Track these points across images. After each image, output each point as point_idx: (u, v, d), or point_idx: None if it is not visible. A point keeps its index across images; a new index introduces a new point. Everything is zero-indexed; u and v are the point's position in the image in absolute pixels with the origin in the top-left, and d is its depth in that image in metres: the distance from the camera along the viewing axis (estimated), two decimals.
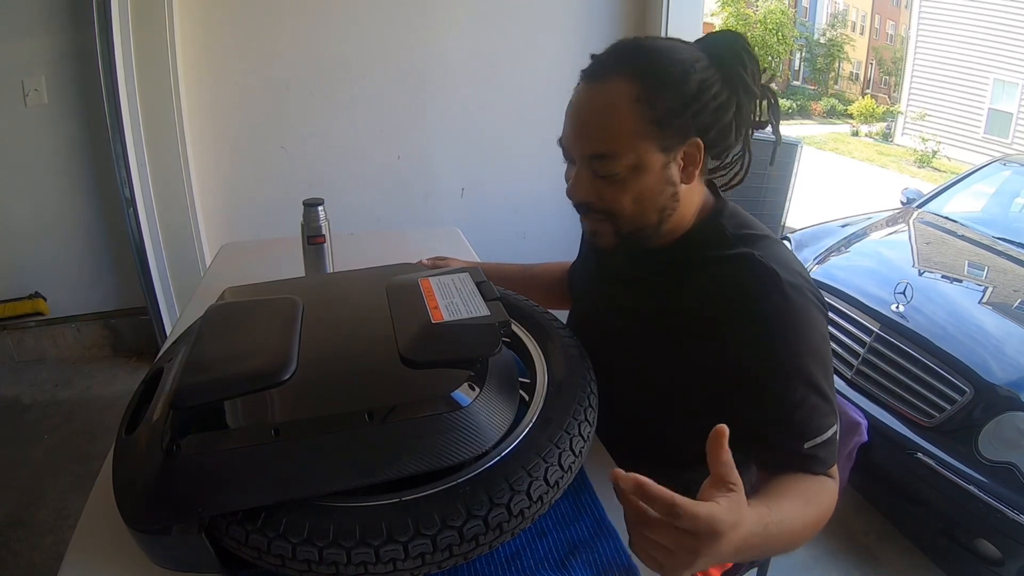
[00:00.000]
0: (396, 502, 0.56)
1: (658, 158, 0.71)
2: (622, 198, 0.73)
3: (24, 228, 2.31)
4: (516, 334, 0.82)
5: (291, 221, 1.23)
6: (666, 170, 0.72)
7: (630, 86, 0.69)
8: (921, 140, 10.26)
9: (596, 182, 0.73)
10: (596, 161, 0.72)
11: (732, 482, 0.52)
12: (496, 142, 2.61)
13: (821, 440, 0.69)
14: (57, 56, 2.13)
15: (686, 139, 0.71)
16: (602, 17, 2.54)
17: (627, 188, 0.72)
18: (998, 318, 1.83)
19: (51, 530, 1.66)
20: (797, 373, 0.68)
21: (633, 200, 0.73)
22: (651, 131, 0.70)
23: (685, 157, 0.73)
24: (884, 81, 16.89)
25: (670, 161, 0.72)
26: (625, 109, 0.69)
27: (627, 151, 0.70)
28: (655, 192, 0.73)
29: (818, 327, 0.70)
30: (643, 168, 0.71)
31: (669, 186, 0.73)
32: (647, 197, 0.73)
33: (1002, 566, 1.45)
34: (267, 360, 0.65)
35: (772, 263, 0.70)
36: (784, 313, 0.68)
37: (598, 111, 0.71)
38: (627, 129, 0.69)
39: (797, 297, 0.69)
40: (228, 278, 1.07)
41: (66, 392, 2.29)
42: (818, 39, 16.91)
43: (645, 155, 0.70)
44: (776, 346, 0.68)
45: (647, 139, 0.70)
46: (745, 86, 0.74)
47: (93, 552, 0.65)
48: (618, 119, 0.69)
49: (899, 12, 16.41)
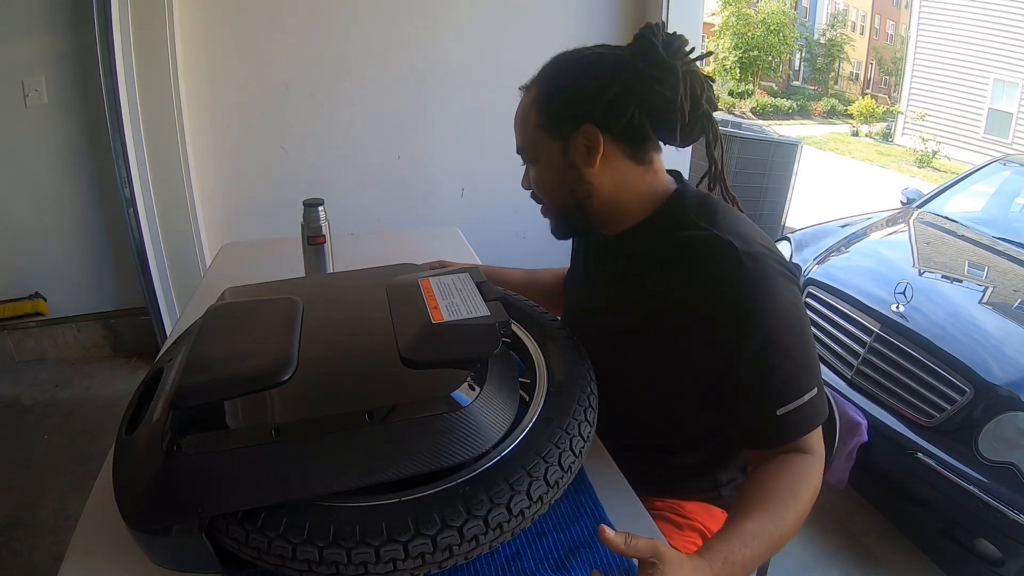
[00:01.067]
0: (396, 502, 0.56)
1: (553, 145, 0.81)
2: (537, 183, 0.86)
3: (24, 228, 2.31)
4: (516, 334, 0.82)
5: (291, 221, 1.23)
6: (566, 155, 0.80)
7: (533, 91, 0.83)
8: (921, 140, 10.25)
9: (529, 174, 0.88)
10: (521, 155, 0.87)
11: (648, 557, 0.57)
12: (496, 142, 2.60)
13: (795, 405, 0.70)
14: (57, 56, 2.13)
15: (577, 125, 0.78)
16: (602, 17, 2.54)
17: (539, 174, 0.85)
18: (998, 318, 1.83)
19: (51, 530, 1.66)
20: (765, 341, 0.69)
21: (543, 184, 0.85)
22: (542, 122, 0.81)
23: (586, 142, 0.79)
24: (884, 81, 16.90)
25: (568, 148, 0.80)
26: (528, 110, 0.83)
27: (530, 143, 0.83)
28: (558, 175, 0.82)
29: (784, 294, 0.71)
30: (544, 156, 0.82)
31: (571, 169, 0.81)
32: (552, 180, 0.83)
33: (1002, 566, 1.45)
34: (267, 360, 0.65)
35: (729, 236, 0.72)
36: (745, 284, 0.70)
37: (518, 116, 0.86)
38: (530, 125, 0.82)
39: (756, 267, 0.71)
40: (228, 278, 1.07)
41: (66, 392, 2.29)
42: (818, 39, 16.92)
43: (543, 144, 0.82)
44: (741, 318, 0.70)
45: (540, 130, 0.81)
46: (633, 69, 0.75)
47: (93, 552, 0.65)
48: (525, 119, 0.84)
49: (899, 12, 16.41)
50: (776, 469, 0.71)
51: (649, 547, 0.57)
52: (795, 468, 0.70)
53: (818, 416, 0.72)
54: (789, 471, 0.70)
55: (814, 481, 0.70)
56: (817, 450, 0.73)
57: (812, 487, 0.70)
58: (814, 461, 0.72)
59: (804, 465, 0.71)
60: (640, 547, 0.57)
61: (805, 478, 0.70)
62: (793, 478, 0.70)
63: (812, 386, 0.71)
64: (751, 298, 0.70)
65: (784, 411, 0.70)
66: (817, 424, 0.72)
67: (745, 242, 0.72)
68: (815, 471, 0.71)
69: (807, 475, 0.70)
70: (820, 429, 0.73)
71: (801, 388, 0.70)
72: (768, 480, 0.70)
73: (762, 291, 0.70)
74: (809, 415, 0.71)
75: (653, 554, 0.57)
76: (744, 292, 0.70)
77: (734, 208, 0.81)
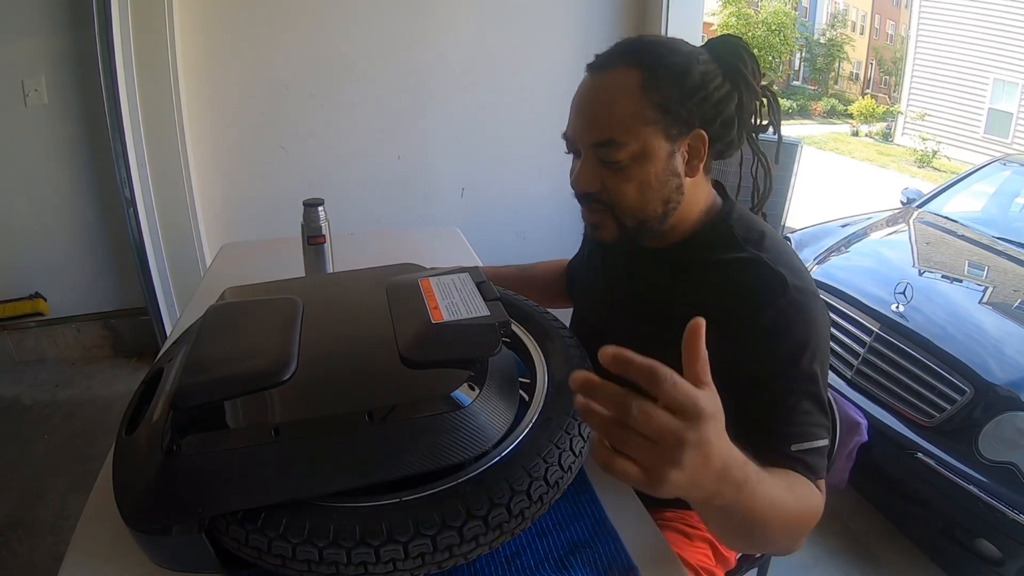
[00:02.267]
0: (396, 502, 0.56)
1: (663, 146, 0.71)
2: (626, 187, 0.72)
3: (24, 228, 2.31)
4: (516, 334, 0.82)
5: (291, 221, 1.23)
6: (671, 160, 0.72)
7: (633, 73, 0.69)
8: (921, 140, 10.26)
9: (601, 172, 0.73)
10: (602, 148, 0.71)
11: (708, 382, 0.47)
12: (496, 142, 2.61)
13: (810, 447, 0.67)
14: (57, 56, 2.13)
15: (690, 129, 0.71)
16: (602, 17, 2.54)
17: (631, 176, 0.71)
18: (998, 318, 1.83)
19: (51, 530, 1.66)
20: (796, 378, 0.67)
21: (637, 189, 0.72)
22: (656, 117, 0.69)
23: (689, 149, 0.72)
24: (884, 81, 16.89)
25: (675, 151, 0.72)
26: (630, 96, 0.69)
27: (632, 138, 0.70)
28: (659, 181, 0.72)
29: (823, 334, 0.70)
30: (648, 155, 0.70)
31: (674, 177, 0.73)
32: (651, 186, 0.72)
33: (1002, 566, 1.45)
34: (267, 360, 0.65)
35: (781, 267, 0.70)
36: (791, 318, 0.68)
37: (604, 99, 0.71)
38: (632, 115, 0.69)
39: (805, 302, 0.69)
40: (228, 278, 1.07)
41: (66, 392, 2.29)
42: (818, 39, 16.91)
43: (650, 142, 0.70)
44: (780, 350, 0.67)
45: (652, 125, 0.70)
46: (746, 81, 0.74)
47: (93, 552, 0.65)
48: (623, 105, 0.69)
49: (899, 12, 16.41)
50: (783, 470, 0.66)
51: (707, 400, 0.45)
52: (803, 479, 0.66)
53: (823, 469, 0.68)
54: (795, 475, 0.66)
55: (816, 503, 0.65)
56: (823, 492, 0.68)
57: (814, 505, 0.65)
58: (819, 495, 0.67)
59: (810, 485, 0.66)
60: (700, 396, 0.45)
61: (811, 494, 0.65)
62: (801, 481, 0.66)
63: (824, 437, 0.68)
64: (794, 332, 0.68)
65: (797, 448, 0.67)
66: (821, 476, 0.68)
67: (795, 275, 0.70)
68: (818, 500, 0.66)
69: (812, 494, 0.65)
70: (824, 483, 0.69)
71: (818, 431, 0.67)
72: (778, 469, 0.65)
73: (805, 329, 0.68)
74: (818, 462, 0.67)
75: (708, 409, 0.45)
76: (788, 327, 0.68)
77: (777, 234, 0.77)
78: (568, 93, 0.76)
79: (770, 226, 0.78)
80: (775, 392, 0.68)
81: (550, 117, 0.79)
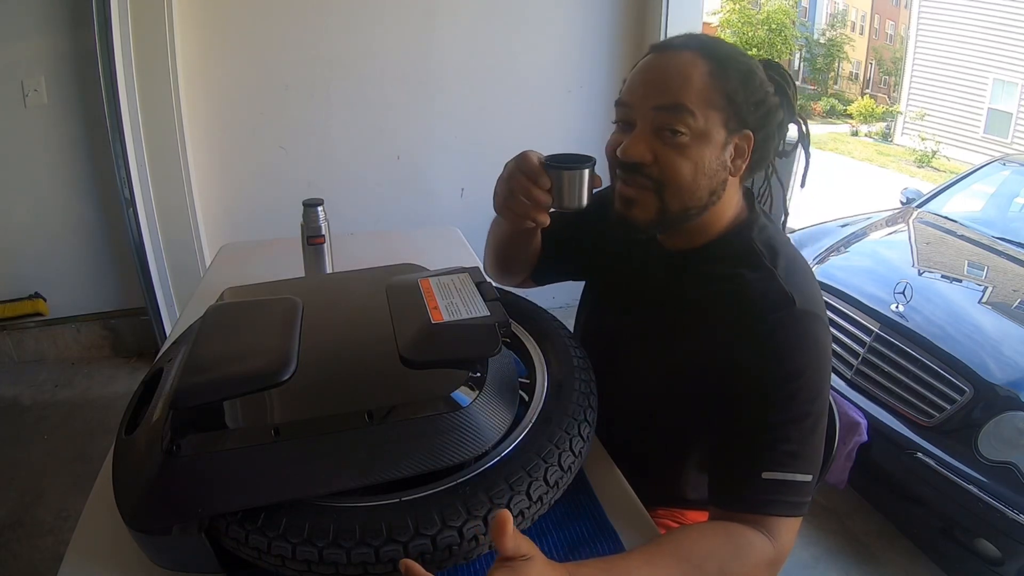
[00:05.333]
0: (396, 502, 0.56)
1: (721, 133, 0.70)
2: (683, 164, 0.69)
3: (24, 228, 2.30)
4: (516, 334, 0.82)
5: (291, 221, 1.23)
6: (724, 151, 0.71)
7: (704, 61, 0.69)
8: (920, 140, 10.26)
9: (656, 144, 0.70)
10: (669, 114, 0.68)
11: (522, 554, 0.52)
12: (496, 142, 2.60)
13: (783, 478, 0.64)
14: (57, 56, 2.13)
15: (744, 128, 0.71)
16: (601, 17, 2.54)
17: (689, 154, 0.69)
18: (998, 318, 1.83)
19: (51, 530, 1.66)
20: (788, 403, 0.66)
21: (692, 169, 0.69)
22: (722, 104, 0.69)
23: (736, 148, 0.72)
24: (884, 81, 16.89)
25: (728, 143, 0.71)
26: (700, 76, 0.69)
27: (700, 112, 0.68)
28: (712, 169, 0.70)
29: (824, 364, 0.68)
30: (708, 137, 0.69)
31: (723, 169, 0.72)
32: (705, 171, 0.70)
33: (1002, 566, 1.45)
34: (267, 360, 0.65)
35: (792, 288, 0.69)
36: (793, 342, 0.67)
37: (674, 71, 0.69)
38: (702, 92, 0.68)
39: (811, 328, 0.68)
40: (228, 278, 1.07)
41: (66, 392, 2.29)
42: (818, 39, 16.91)
43: (712, 125, 0.69)
44: (777, 373, 0.66)
45: (717, 110, 0.69)
46: (789, 103, 0.75)
47: (93, 552, 0.65)
48: (694, 81, 0.68)
49: (899, 12, 16.41)
50: (719, 535, 0.64)
51: (527, 547, 0.52)
52: (741, 545, 0.62)
53: (800, 507, 0.65)
54: (732, 543, 0.62)
55: (756, 562, 0.62)
56: (782, 546, 0.64)
57: (748, 567, 0.61)
58: (770, 554, 0.63)
59: (756, 549, 0.62)
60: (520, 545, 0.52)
61: (747, 562, 0.62)
62: (731, 554, 0.62)
63: (808, 472, 0.65)
64: (795, 357, 0.67)
65: (770, 476, 0.64)
66: (794, 514, 0.65)
67: (805, 298, 0.68)
68: (764, 553, 0.63)
69: (751, 560, 0.62)
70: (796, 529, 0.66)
71: (797, 465, 0.65)
72: (701, 540, 0.63)
73: (806, 356, 0.67)
74: (793, 498, 0.64)
75: (527, 553, 0.52)
76: (789, 351, 0.67)
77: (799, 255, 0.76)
78: (568, 92, 0.76)
79: (792, 245, 0.77)
80: (763, 412, 0.66)
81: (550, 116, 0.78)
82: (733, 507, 0.66)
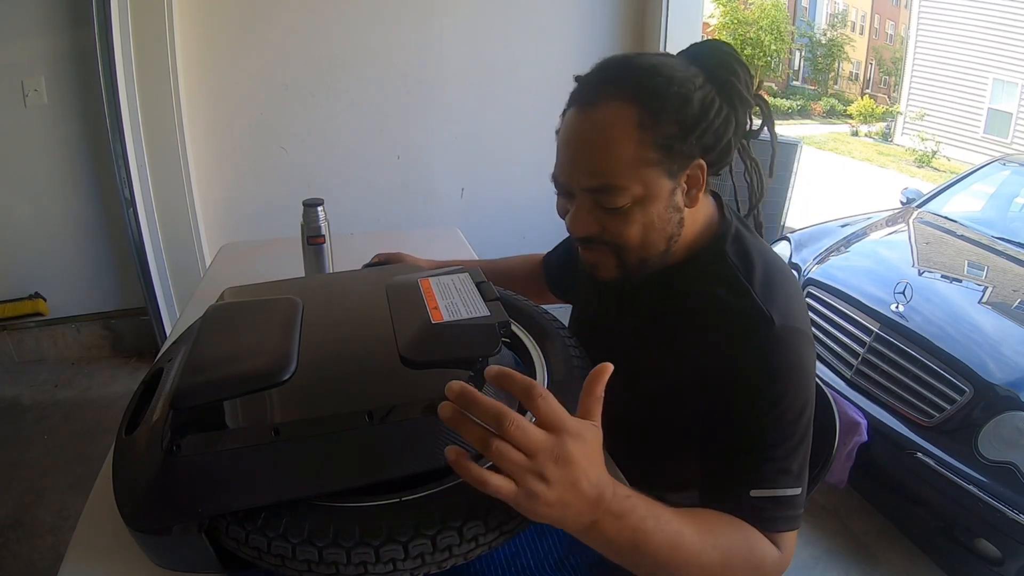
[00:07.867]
0: (396, 502, 0.56)
1: (665, 185, 0.67)
2: (629, 230, 0.68)
3: (24, 228, 2.31)
4: (516, 334, 0.82)
5: (291, 221, 1.23)
6: (673, 197, 0.68)
7: (630, 110, 0.64)
8: (920, 140, 10.27)
9: (599, 214, 0.69)
10: (599, 194, 0.67)
11: (594, 418, 0.50)
12: (495, 142, 2.61)
13: (772, 495, 0.63)
14: (57, 56, 2.13)
15: (691, 161, 0.68)
16: (601, 17, 2.55)
17: (633, 219, 0.68)
18: (997, 318, 1.83)
19: (51, 530, 1.66)
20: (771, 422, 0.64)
21: (641, 231, 0.69)
22: (657, 157, 0.65)
23: (689, 180, 0.69)
24: (884, 81, 16.90)
25: (676, 187, 0.68)
26: (627, 137, 0.64)
27: (633, 182, 0.65)
28: (662, 220, 0.69)
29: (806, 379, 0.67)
30: (650, 197, 0.67)
31: (676, 213, 0.70)
32: (655, 227, 0.69)
33: (1002, 566, 1.45)
34: (267, 360, 0.65)
35: (770, 306, 0.66)
36: (773, 363, 0.65)
37: (598, 141, 0.65)
38: (631, 158, 0.64)
39: (792, 344, 0.66)
40: (228, 278, 1.07)
41: (66, 392, 2.29)
42: (818, 39, 16.92)
43: (651, 183, 0.66)
44: (758, 401, 0.65)
45: (653, 166, 0.66)
46: (741, 97, 0.70)
47: (93, 552, 0.65)
48: (620, 148, 0.64)
49: (899, 12, 16.42)
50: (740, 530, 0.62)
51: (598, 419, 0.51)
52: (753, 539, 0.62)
53: (793, 520, 0.64)
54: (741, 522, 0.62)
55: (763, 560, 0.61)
56: (785, 551, 0.63)
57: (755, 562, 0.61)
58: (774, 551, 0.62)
59: (763, 547, 0.62)
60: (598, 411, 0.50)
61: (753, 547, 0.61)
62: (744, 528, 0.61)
63: (796, 487, 0.64)
64: (775, 377, 0.65)
65: (759, 494, 0.63)
66: (789, 528, 0.64)
67: (784, 314, 0.66)
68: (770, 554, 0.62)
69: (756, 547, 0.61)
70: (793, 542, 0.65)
71: (786, 481, 0.64)
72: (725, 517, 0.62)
73: (787, 378, 0.65)
74: (783, 512, 0.63)
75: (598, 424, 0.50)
76: (769, 382, 0.64)
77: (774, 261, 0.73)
78: (569, 93, 0.75)
79: (768, 247, 0.75)
80: (746, 436, 0.65)
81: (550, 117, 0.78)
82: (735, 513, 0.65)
